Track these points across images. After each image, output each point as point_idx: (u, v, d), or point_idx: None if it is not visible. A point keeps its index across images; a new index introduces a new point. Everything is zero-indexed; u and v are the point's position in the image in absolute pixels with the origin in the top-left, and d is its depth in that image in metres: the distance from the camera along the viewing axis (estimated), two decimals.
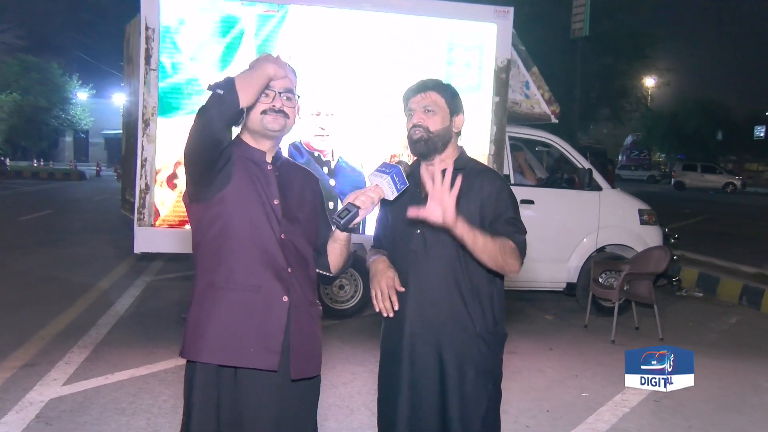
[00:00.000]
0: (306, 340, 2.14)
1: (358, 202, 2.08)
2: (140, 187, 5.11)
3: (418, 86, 2.29)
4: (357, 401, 4.21)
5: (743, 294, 7.56)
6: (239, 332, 2.04)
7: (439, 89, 2.28)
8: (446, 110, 2.27)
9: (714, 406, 4.45)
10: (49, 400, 4.02)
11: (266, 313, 2.06)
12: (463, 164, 2.29)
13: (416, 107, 2.27)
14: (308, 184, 2.28)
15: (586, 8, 17.58)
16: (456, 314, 2.23)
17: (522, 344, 5.60)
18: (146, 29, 5.02)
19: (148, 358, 4.80)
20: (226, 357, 2.05)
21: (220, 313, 2.05)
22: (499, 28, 5.71)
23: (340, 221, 2.08)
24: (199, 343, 2.06)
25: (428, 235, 2.23)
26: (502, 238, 2.15)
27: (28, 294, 6.69)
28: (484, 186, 2.24)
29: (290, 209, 2.16)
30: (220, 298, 2.06)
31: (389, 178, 2.10)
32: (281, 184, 2.17)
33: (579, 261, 6.71)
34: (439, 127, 2.25)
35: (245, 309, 2.05)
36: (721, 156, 46.67)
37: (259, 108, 2.10)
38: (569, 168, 7.16)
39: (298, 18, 5.30)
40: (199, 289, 2.11)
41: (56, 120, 33.92)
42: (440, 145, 2.27)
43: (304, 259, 2.18)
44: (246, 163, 2.13)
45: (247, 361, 2.05)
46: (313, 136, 5.40)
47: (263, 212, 2.09)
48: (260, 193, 2.10)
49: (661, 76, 28.62)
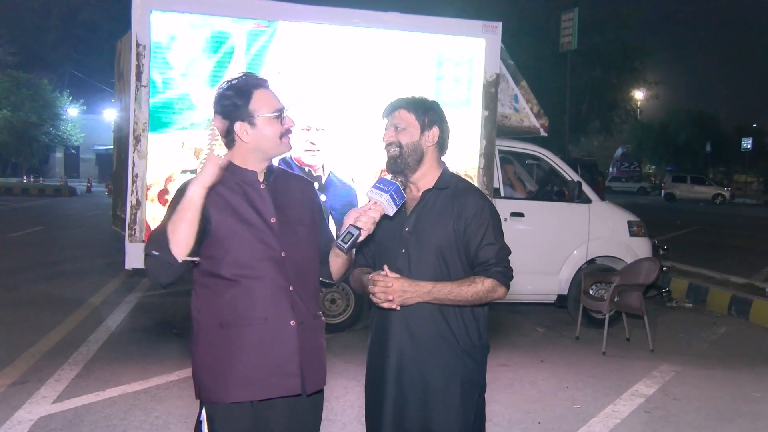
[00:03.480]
0: (315, 355, 2.18)
1: (360, 223, 2.10)
2: (131, 203, 5.11)
3: (388, 108, 2.35)
4: (349, 415, 4.20)
5: (732, 304, 7.60)
6: (258, 366, 2.06)
7: (408, 106, 2.31)
8: (416, 125, 2.29)
9: (704, 415, 4.47)
10: (39, 418, 3.99)
11: (278, 342, 2.08)
12: (445, 183, 2.31)
13: (388, 126, 2.33)
14: (305, 193, 2.28)
15: (575, 22, 17.77)
16: (440, 332, 2.26)
17: (514, 356, 5.61)
18: (137, 45, 5.04)
19: (140, 375, 4.78)
20: (252, 393, 2.07)
21: (236, 351, 2.06)
22: (487, 42, 5.77)
23: (344, 245, 2.09)
24: (224, 385, 2.06)
25: (412, 254, 2.26)
26: (476, 283, 2.21)
27: (18, 311, 6.65)
28: (467, 206, 2.26)
29: (289, 224, 2.15)
30: (233, 337, 2.06)
31: (389, 196, 2.12)
32: (277, 200, 2.16)
33: (569, 273, 6.74)
34: (408, 142, 2.28)
35: (258, 343, 2.06)
36: (711, 167, 47.11)
37: (277, 132, 2.11)
38: (559, 181, 7.21)
39: (288, 34, 5.35)
40: (206, 330, 2.09)
41: (47, 136, 33.80)
42: (411, 161, 2.28)
43: (307, 273, 2.19)
44: (238, 187, 2.11)
45: (271, 392, 2.08)
46: (304, 151, 5.42)
47: (260, 237, 2.08)
48: (255, 216, 2.09)
49: (650, 89, 28.90)
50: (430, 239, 2.25)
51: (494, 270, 2.23)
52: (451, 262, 2.25)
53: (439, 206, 2.28)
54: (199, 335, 2.11)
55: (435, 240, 2.24)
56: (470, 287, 2.20)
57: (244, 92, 2.08)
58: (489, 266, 2.24)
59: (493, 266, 2.24)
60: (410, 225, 2.28)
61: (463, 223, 2.25)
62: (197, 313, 2.12)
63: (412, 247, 2.26)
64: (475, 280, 2.22)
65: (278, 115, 2.10)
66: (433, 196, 2.30)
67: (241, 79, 2.12)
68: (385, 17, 5.66)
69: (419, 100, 2.35)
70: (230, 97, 2.08)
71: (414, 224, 2.28)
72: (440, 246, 2.24)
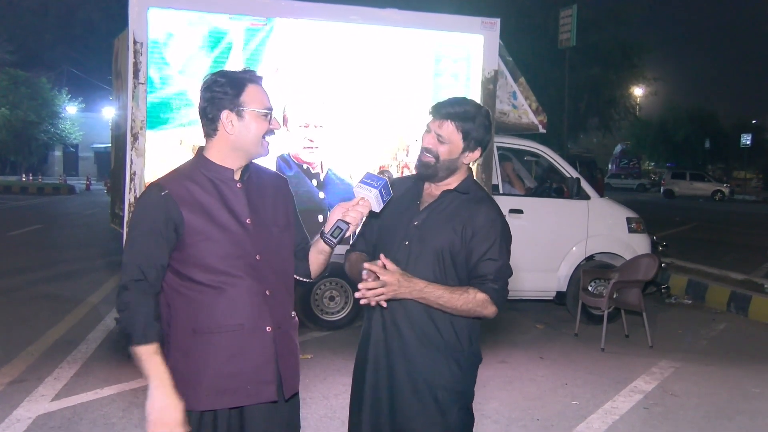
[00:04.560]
0: (291, 359, 2.11)
1: (349, 218, 2.07)
2: (129, 200, 5.09)
3: (438, 111, 2.22)
4: (348, 413, 4.20)
5: (731, 301, 7.61)
6: (233, 374, 1.98)
7: (458, 121, 2.19)
8: (459, 144, 2.21)
9: (703, 412, 4.48)
10: (37, 416, 3.99)
11: (253, 348, 2.01)
12: (466, 189, 2.27)
13: (431, 130, 2.22)
14: (279, 190, 2.19)
15: (573, 19, 17.78)
16: (427, 332, 2.19)
17: (513, 354, 5.61)
18: (134, 43, 5.02)
19: (139, 373, 4.65)
20: (225, 401, 1.99)
21: (210, 359, 1.98)
22: (486, 39, 5.76)
23: (333, 240, 2.07)
24: (195, 392, 1.97)
25: (413, 249, 2.22)
26: (469, 293, 2.13)
27: (17, 309, 6.64)
28: (479, 216, 2.20)
29: (264, 224, 2.07)
30: (207, 344, 1.98)
31: (377, 192, 2.10)
32: (251, 199, 2.07)
33: (568, 270, 6.74)
34: (446, 158, 2.21)
35: (233, 350, 1.99)
36: (710, 164, 47.08)
37: (261, 130, 2.03)
38: (558, 177, 7.20)
39: (286, 31, 5.33)
40: (179, 337, 2.00)
41: (45, 134, 33.77)
42: (443, 173, 2.23)
43: (283, 275, 2.12)
44: (212, 185, 2.02)
45: (247, 399, 2.01)
46: (302, 148, 5.41)
47: (234, 240, 1.99)
48: (229, 218, 2.00)
49: (649, 86, 28.92)
50: (434, 239, 2.20)
51: (490, 286, 2.15)
52: (449, 266, 2.19)
53: (452, 209, 2.23)
54: (170, 341, 2.00)
55: (439, 241, 2.19)
56: (462, 296, 2.13)
57: (237, 82, 2.02)
58: (486, 281, 2.16)
59: (490, 282, 2.16)
60: (420, 220, 2.24)
61: (470, 231, 2.18)
62: (168, 318, 2.00)
63: (415, 241, 2.21)
64: (469, 290, 2.14)
65: (266, 114, 2.03)
66: (450, 198, 2.25)
67: (236, 71, 2.07)
68: (383, 14, 5.64)
69: (471, 114, 2.21)
70: (222, 85, 2.02)
71: (424, 220, 2.24)
72: (442, 248, 2.19)
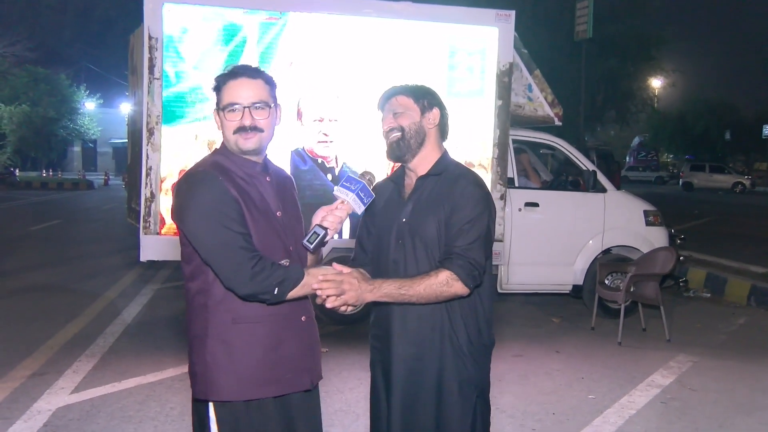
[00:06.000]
0: (317, 347, 2.18)
1: (326, 223, 2.06)
2: (145, 195, 5.14)
3: (382, 97, 2.29)
4: (363, 406, 4.20)
5: (751, 294, 7.50)
6: (274, 362, 2.03)
7: (404, 91, 2.25)
8: (415, 108, 2.23)
9: (722, 407, 4.42)
10: (57, 408, 4.05)
11: (291, 338, 2.06)
12: (440, 169, 2.23)
13: (386, 115, 2.27)
14: (292, 186, 2.26)
15: (590, 10, 17.57)
16: (438, 327, 2.17)
17: (529, 348, 5.59)
18: (150, 39, 5.06)
19: (156, 366, 4.82)
20: (270, 389, 2.03)
21: (251, 349, 2.01)
22: (500, 31, 5.72)
23: (310, 246, 2.06)
24: (240, 382, 2.00)
25: (407, 245, 2.19)
26: (430, 276, 2.05)
27: (37, 304, 6.74)
28: (455, 192, 2.15)
29: (290, 217, 2.13)
30: (247, 334, 2.00)
31: (354, 195, 2.09)
32: (279, 193, 2.12)
33: (585, 263, 6.68)
34: (410, 125, 2.21)
35: (273, 339, 2.03)
36: (730, 156, 46.40)
37: (230, 127, 2.02)
38: (574, 170, 7.15)
39: (300, 25, 5.33)
40: (218, 327, 2.00)
41: (65, 130, 34.18)
42: (414, 143, 2.21)
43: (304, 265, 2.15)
44: (248, 177, 2.05)
45: (289, 387, 2.06)
46: (317, 142, 5.41)
47: (273, 230, 2.04)
48: (269, 208, 2.05)
49: (667, 77, 28.54)
50: (423, 231, 2.16)
51: (455, 262, 2.06)
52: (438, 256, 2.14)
53: (433, 195, 2.19)
54: (208, 331, 2.01)
55: (427, 232, 2.15)
56: (423, 281, 2.04)
57: (218, 81, 2.07)
58: (451, 255, 2.07)
59: (455, 256, 2.07)
60: (407, 215, 2.21)
61: (449, 210, 2.13)
62: (206, 308, 2.01)
63: (407, 237, 2.18)
64: (431, 273, 2.06)
65: (232, 107, 2.01)
66: (428, 183, 2.22)
67: (224, 71, 2.10)
68: (397, 7, 5.62)
69: (414, 85, 2.29)
70: (214, 86, 2.09)
71: (410, 214, 2.21)
72: (432, 238, 2.15)
